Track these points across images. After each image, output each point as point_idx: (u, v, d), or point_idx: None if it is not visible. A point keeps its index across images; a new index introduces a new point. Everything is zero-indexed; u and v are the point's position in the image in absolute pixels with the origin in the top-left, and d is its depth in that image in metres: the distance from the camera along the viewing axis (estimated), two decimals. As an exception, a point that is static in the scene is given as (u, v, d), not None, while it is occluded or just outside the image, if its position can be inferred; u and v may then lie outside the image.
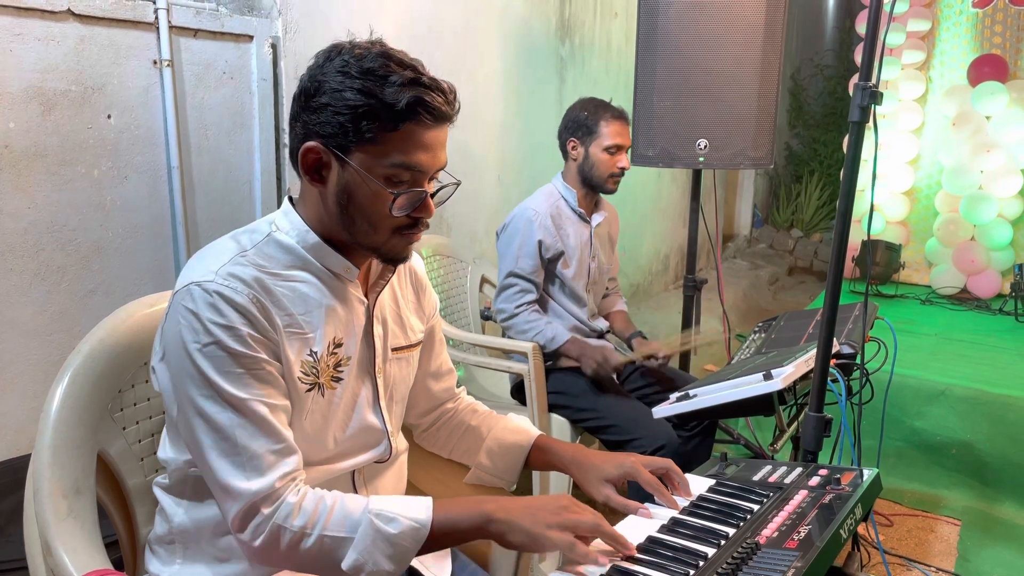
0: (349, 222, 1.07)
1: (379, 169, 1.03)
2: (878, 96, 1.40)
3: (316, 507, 0.99)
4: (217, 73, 2.23)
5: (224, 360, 0.98)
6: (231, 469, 0.98)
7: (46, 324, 1.91)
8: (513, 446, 1.34)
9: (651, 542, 1.05)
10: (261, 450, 0.99)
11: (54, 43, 1.85)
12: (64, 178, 1.91)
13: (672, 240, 5.68)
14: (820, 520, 1.08)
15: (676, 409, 1.77)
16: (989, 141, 4.85)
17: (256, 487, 0.97)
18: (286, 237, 1.09)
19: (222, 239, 1.09)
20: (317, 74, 1.03)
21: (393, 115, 1.00)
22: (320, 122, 1.02)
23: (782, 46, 2.72)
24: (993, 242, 4.94)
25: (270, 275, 1.05)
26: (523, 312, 2.34)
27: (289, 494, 0.99)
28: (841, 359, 1.94)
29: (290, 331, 1.05)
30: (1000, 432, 3.04)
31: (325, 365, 1.09)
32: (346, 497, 1.02)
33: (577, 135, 2.41)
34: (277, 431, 1.01)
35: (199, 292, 1.00)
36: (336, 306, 1.11)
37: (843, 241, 1.48)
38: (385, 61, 1.01)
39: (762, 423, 3.30)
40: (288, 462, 1.01)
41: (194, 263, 1.05)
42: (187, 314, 0.99)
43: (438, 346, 1.37)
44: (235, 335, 0.99)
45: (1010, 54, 4.95)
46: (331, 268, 1.10)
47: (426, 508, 1.01)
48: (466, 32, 3.18)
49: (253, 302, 1.01)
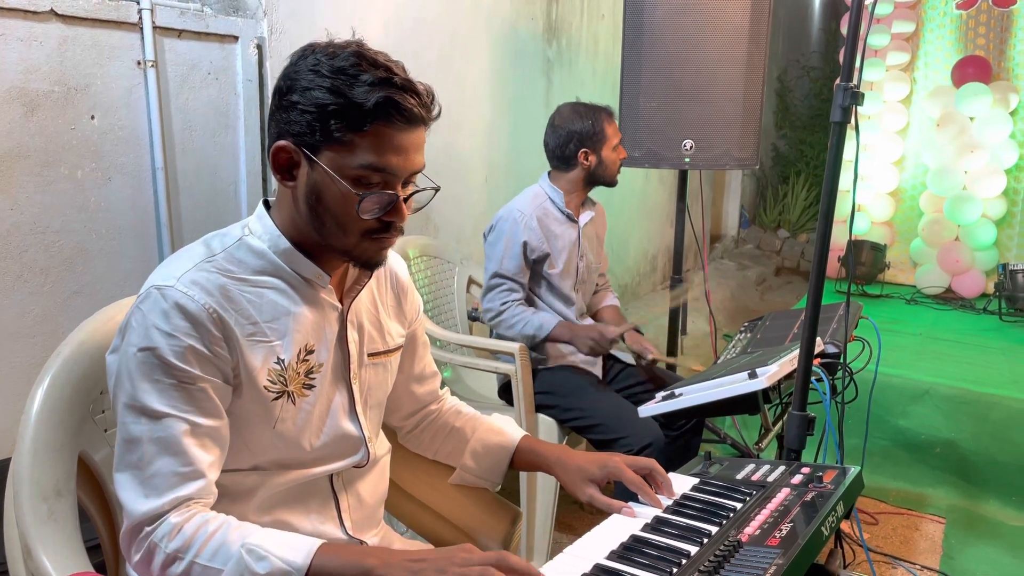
0: (319, 224, 1.05)
1: (348, 170, 1.00)
2: (859, 96, 1.41)
3: (195, 532, 0.94)
4: (202, 74, 2.22)
5: (155, 368, 0.97)
6: (131, 484, 0.97)
7: (29, 326, 1.89)
8: (497, 447, 1.34)
9: (635, 540, 1.05)
10: (165, 470, 0.96)
11: (37, 43, 1.83)
12: (47, 179, 1.89)
13: (659, 241, 5.70)
14: (802, 517, 1.09)
15: (662, 408, 1.78)
16: (973, 142, 4.89)
17: (146, 508, 0.95)
18: (258, 242, 1.08)
19: (195, 243, 1.09)
20: (290, 72, 1.02)
21: (362, 115, 0.98)
22: (290, 121, 1.00)
23: (767, 47, 2.74)
24: (977, 242, 4.98)
25: (237, 280, 1.04)
26: (509, 307, 2.35)
27: (173, 514, 0.96)
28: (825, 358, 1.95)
29: (254, 340, 1.04)
30: (984, 431, 3.06)
31: (295, 373, 1.08)
32: (232, 526, 0.97)
33: (587, 144, 2.39)
34: (187, 453, 0.97)
35: (155, 296, 0.99)
36: (307, 312, 1.09)
37: (825, 241, 1.49)
38: (357, 60, 0.99)
39: (748, 422, 3.32)
40: (189, 486, 0.97)
41: (162, 266, 1.05)
42: (138, 315, 0.99)
43: (421, 349, 1.36)
44: (174, 345, 0.97)
45: (993, 55, 4.99)
46: (302, 274, 1.09)
47: (306, 553, 0.93)
48: (453, 33, 3.18)
49: (208, 313, 0.99)
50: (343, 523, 1.18)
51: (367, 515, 1.23)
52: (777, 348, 2.01)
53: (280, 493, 1.11)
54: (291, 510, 1.12)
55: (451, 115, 3.21)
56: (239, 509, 1.05)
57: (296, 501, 1.13)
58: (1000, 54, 4.99)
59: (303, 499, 1.14)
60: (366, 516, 1.23)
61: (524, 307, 2.38)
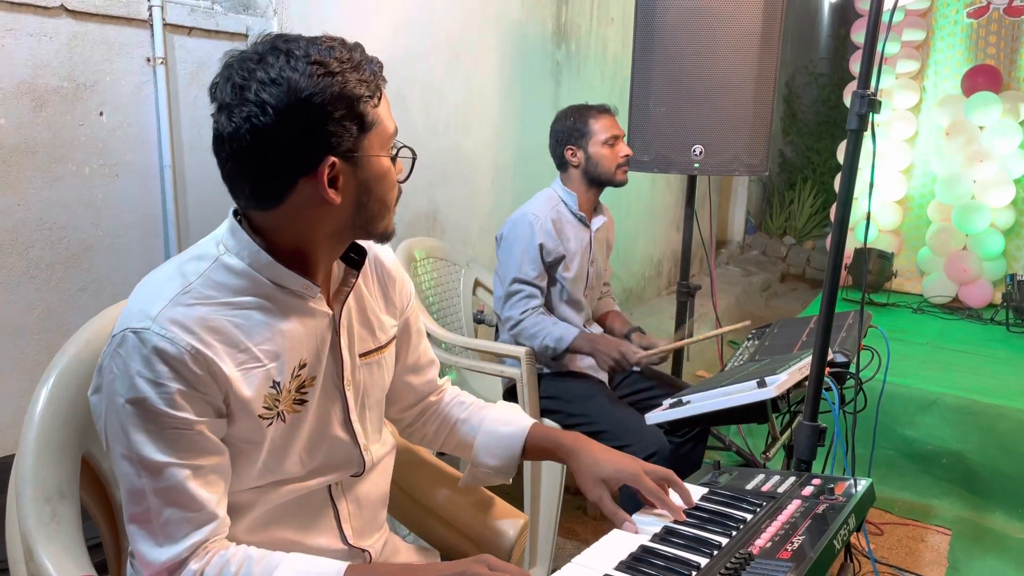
0: (364, 217, 1.03)
1: (385, 141, 1.03)
2: (876, 104, 1.40)
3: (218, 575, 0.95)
4: (211, 72, 2.19)
5: (147, 418, 0.94)
6: (143, 536, 0.95)
7: (35, 322, 1.89)
8: (508, 437, 1.30)
9: (644, 551, 1.04)
10: (174, 518, 0.95)
11: (46, 39, 1.83)
12: (55, 175, 1.89)
13: (666, 245, 5.68)
14: (813, 530, 1.07)
15: (669, 416, 1.77)
16: (982, 151, 4.86)
17: (164, 556, 0.94)
18: (235, 260, 1.01)
19: (167, 267, 1.03)
20: (293, 92, 0.94)
21: (377, 84, 1.01)
22: (328, 133, 0.97)
23: (778, 53, 2.73)
24: (985, 252, 4.95)
25: (219, 306, 0.99)
26: (529, 316, 2.33)
27: (192, 561, 0.95)
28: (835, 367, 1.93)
29: (246, 368, 0.99)
30: (991, 442, 3.04)
31: (287, 391, 1.04)
32: (255, 560, 0.96)
33: (571, 142, 2.42)
34: (194, 498, 0.95)
35: (133, 341, 0.94)
36: (297, 326, 1.04)
37: (840, 248, 1.48)
38: (330, 45, 0.98)
39: (754, 430, 3.30)
40: (203, 530, 0.96)
41: (134, 300, 0.99)
42: (119, 361, 0.95)
43: (415, 338, 1.30)
44: (162, 392, 0.93)
45: (1004, 64, 4.97)
46: (288, 287, 1.03)
47: None
48: (461, 35, 3.17)
49: (190, 353, 0.94)
50: (343, 532, 1.16)
51: (368, 520, 1.21)
52: (786, 356, 1.99)
53: (276, 508, 1.08)
54: (289, 523, 1.10)
55: (459, 117, 3.20)
56: (235, 527, 1.03)
57: (293, 516, 1.10)
58: (1011, 64, 4.97)
59: (300, 511, 1.11)
60: (367, 521, 1.20)
61: (545, 315, 2.36)
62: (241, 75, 0.95)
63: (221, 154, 0.98)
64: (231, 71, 0.96)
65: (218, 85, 0.97)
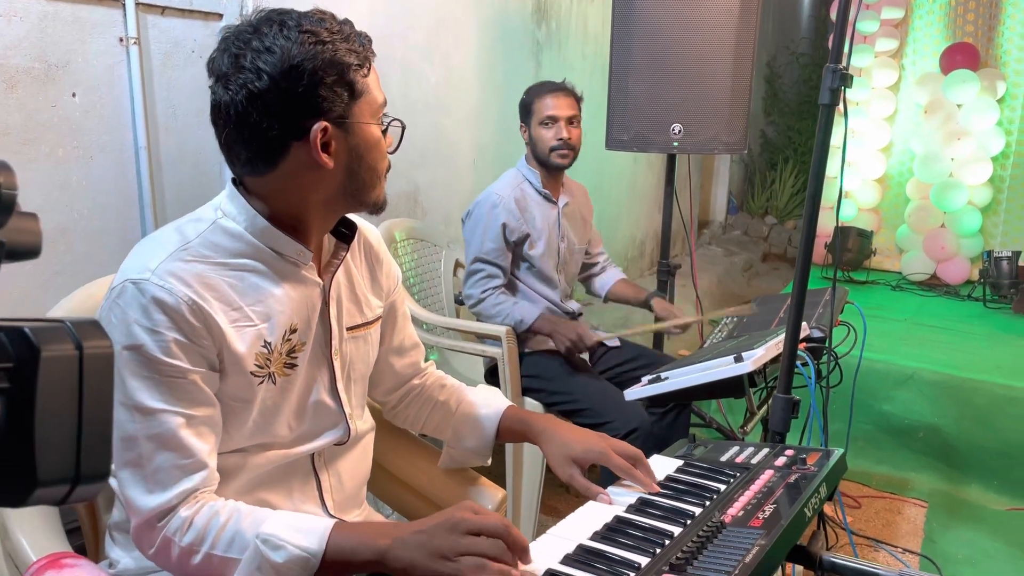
0: (356, 185, 1.07)
1: (375, 110, 1.07)
2: (848, 78, 1.41)
3: (207, 524, 0.96)
4: (186, 51, 2.19)
5: (143, 365, 0.96)
6: (134, 481, 0.97)
7: (10, 306, 1.87)
8: (483, 419, 1.33)
9: (619, 521, 1.05)
10: (166, 464, 0.96)
11: (16, 19, 1.80)
12: (27, 157, 1.86)
13: (647, 226, 5.70)
14: (785, 499, 1.09)
15: (648, 391, 1.78)
16: (960, 129, 4.91)
17: (154, 503, 0.96)
18: (233, 224, 1.05)
19: (166, 228, 1.06)
20: (283, 59, 0.99)
21: (367, 55, 1.05)
22: (318, 97, 1.01)
23: (757, 30, 2.73)
24: (963, 229, 5.01)
25: (215, 266, 1.02)
26: (489, 296, 2.34)
27: (182, 508, 0.96)
28: (811, 343, 1.96)
29: (239, 325, 1.02)
30: (967, 416, 3.09)
31: (278, 353, 1.06)
32: (243, 513, 0.97)
33: (522, 118, 2.45)
34: (185, 446, 0.97)
35: (132, 291, 0.97)
36: (289, 291, 1.08)
37: (812, 224, 1.49)
38: (321, 17, 1.04)
39: (733, 406, 3.33)
40: (193, 478, 0.98)
41: (133, 255, 1.02)
42: (117, 311, 0.97)
43: (401, 320, 1.34)
44: (159, 340, 0.96)
45: (982, 43, 5.00)
46: (282, 252, 1.07)
47: (320, 537, 0.94)
48: (441, 14, 3.15)
49: (187, 304, 0.97)
50: (324, 503, 1.18)
51: (349, 495, 1.23)
52: (763, 332, 2.01)
53: (261, 474, 1.10)
54: (272, 491, 1.12)
55: (438, 97, 3.19)
56: (222, 491, 1.04)
57: (278, 481, 1.12)
58: (988, 41, 5.00)
59: (284, 479, 1.13)
60: (348, 497, 1.23)
61: (505, 295, 2.37)
62: (237, 45, 1.00)
63: (219, 122, 1.03)
64: (228, 43, 1.01)
65: (215, 59, 1.02)
